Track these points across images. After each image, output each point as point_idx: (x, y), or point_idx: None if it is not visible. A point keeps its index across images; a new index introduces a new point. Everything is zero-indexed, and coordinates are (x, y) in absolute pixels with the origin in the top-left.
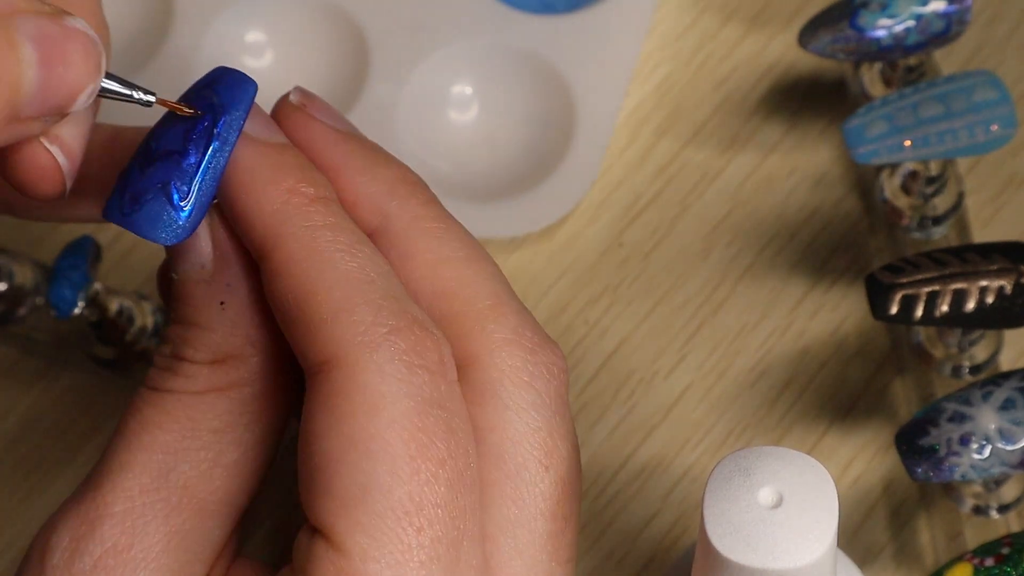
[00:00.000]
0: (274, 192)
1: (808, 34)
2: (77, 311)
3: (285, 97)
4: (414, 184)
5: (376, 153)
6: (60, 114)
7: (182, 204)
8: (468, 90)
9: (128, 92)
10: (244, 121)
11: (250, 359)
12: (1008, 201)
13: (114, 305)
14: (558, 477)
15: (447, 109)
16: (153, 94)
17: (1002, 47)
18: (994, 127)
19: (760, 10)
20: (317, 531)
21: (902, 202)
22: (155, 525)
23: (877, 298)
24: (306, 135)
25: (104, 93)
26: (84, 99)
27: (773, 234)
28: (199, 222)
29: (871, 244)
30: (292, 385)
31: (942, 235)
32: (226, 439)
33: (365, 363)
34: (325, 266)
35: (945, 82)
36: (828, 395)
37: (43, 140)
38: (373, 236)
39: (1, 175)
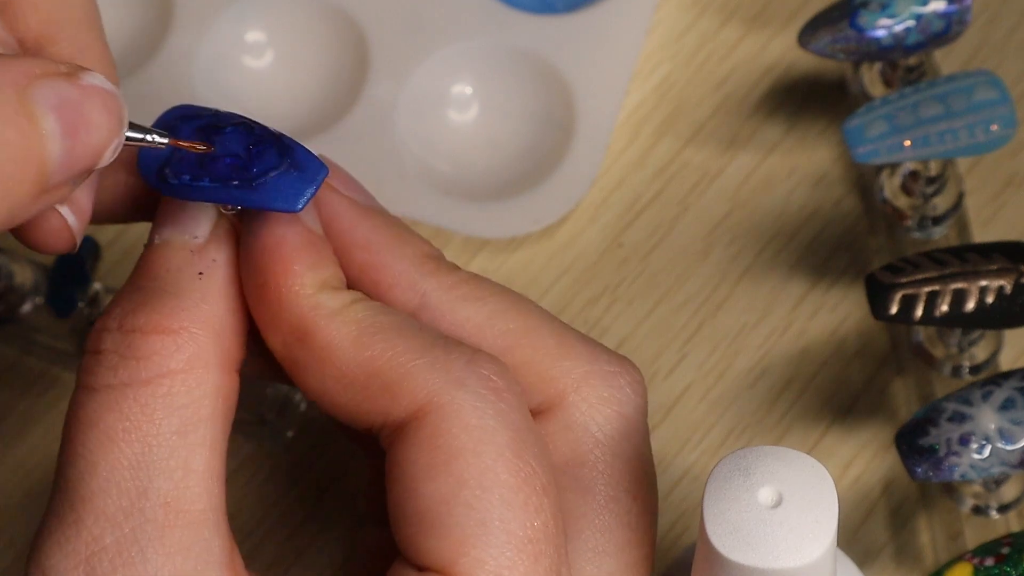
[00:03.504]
0: (309, 278)
1: (808, 34)
2: (77, 311)
3: None
4: (437, 257)
5: (400, 229)
6: (88, 174)
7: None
8: (468, 90)
9: (142, 136)
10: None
11: (203, 339)
12: (1008, 201)
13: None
14: (645, 505)
15: (447, 109)
16: (165, 136)
17: (1002, 47)
18: (994, 127)
19: (760, 10)
20: (428, 570)
21: (902, 202)
22: (153, 549)
23: (877, 298)
24: (332, 210)
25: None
26: (109, 155)
27: (773, 234)
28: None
29: (871, 244)
30: (236, 384)
31: (942, 235)
32: (190, 441)
33: (460, 401)
34: (369, 331)
35: (945, 82)
36: (828, 395)
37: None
38: (416, 314)
39: (13, 234)
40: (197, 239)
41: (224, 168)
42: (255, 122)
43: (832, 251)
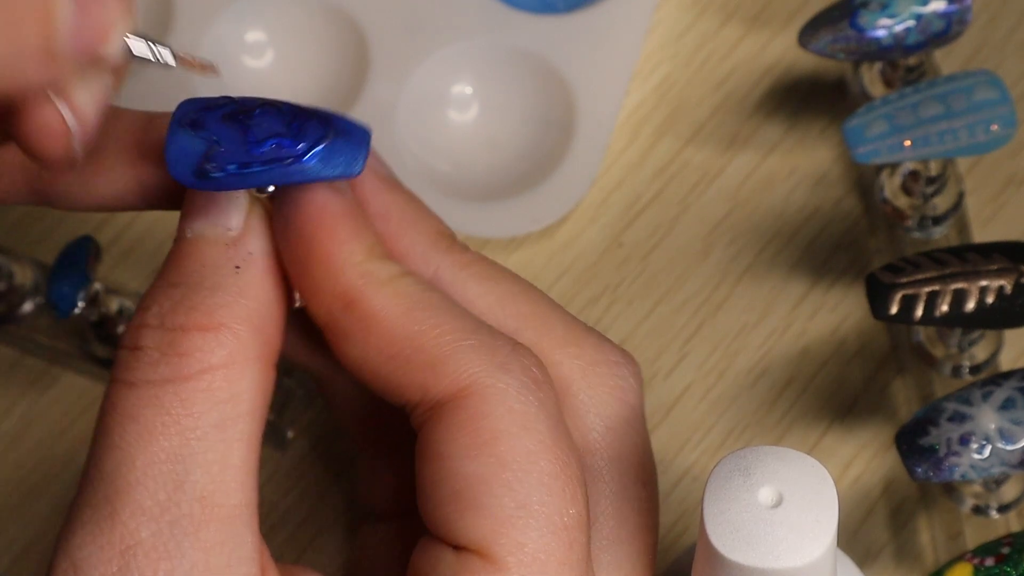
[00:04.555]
0: (356, 245)
1: (808, 34)
2: (77, 311)
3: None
4: (451, 236)
5: (417, 205)
6: (93, 58)
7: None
8: (468, 90)
9: (149, 50)
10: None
11: (243, 334)
12: (1008, 201)
13: (114, 305)
14: (652, 491)
15: (447, 109)
16: (170, 49)
17: (1002, 47)
18: (994, 127)
19: (760, 10)
20: (466, 549)
21: (902, 202)
22: (188, 544)
23: (877, 298)
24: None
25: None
26: (116, 41)
27: (773, 234)
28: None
29: (871, 244)
30: (274, 375)
31: (942, 235)
32: (229, 436)
33: (505, 385)
34: (419, 306)
35: (945, 82)
36: (828, 395)
37: (54, 97)
38: None
39: (10, 133)
40: (231, 231)
41: (271, 150)
42: (275, 100)
43: (832, 251)
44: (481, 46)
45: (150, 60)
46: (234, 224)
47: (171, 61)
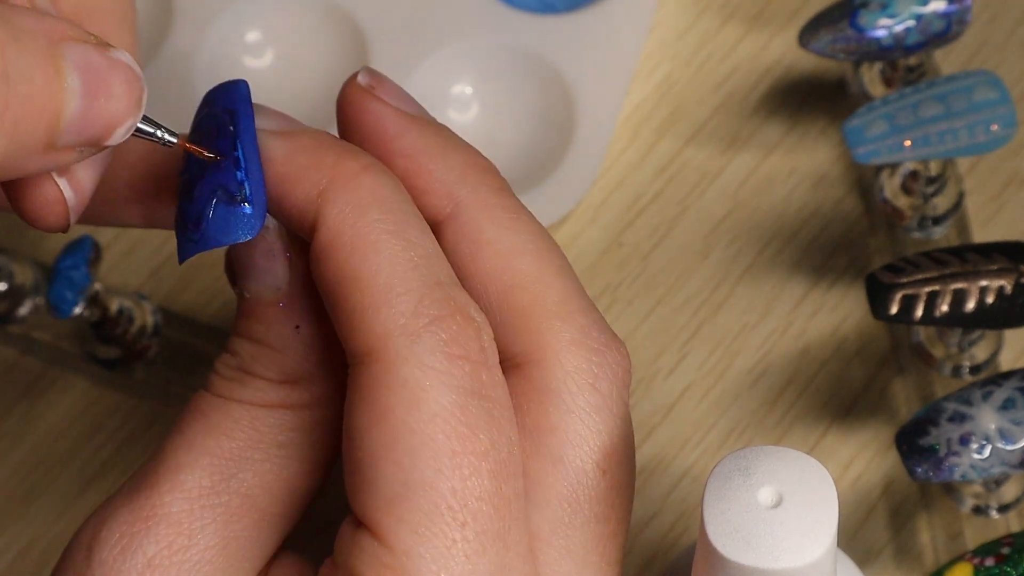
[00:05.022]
0: (315, 174)
1: (808, 34)
2: (77, 311)
3: (353, 78)
4: (485, 170)
5: (447, 137)
6: (96, 147)
7: (239, 198)
8: (468, 90)
9: (152, 131)
10: (251, 114)
11: (321, 383)
12: (1008, 201)
13: (114, 305)
14: (614, 481)
15: (447, 109)
16: (176, 135)
17: (1002, 47)
18: (994, 127)
19: (760, 10)
20: (362, 525)
21: (902, 202)
22: (213, 528)
23: (877, 298)
24: (376, 119)
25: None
26: (122, 133)
27: (773, 234)
28: (264, 213)
29: (871, 244)
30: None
31: (942, 235)
32: (290, 454)
33: (406, 356)
34: (369, 249)
35: (945, 82)
36: (828, 395)
37: (54, 175)
38: (444, 223)
39: (8, 201)
40: (280, 289)
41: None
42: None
43: (832, 251)
44: (481, 46)
45: (151, 137)
46: (282, 284)
47: (173, 140)
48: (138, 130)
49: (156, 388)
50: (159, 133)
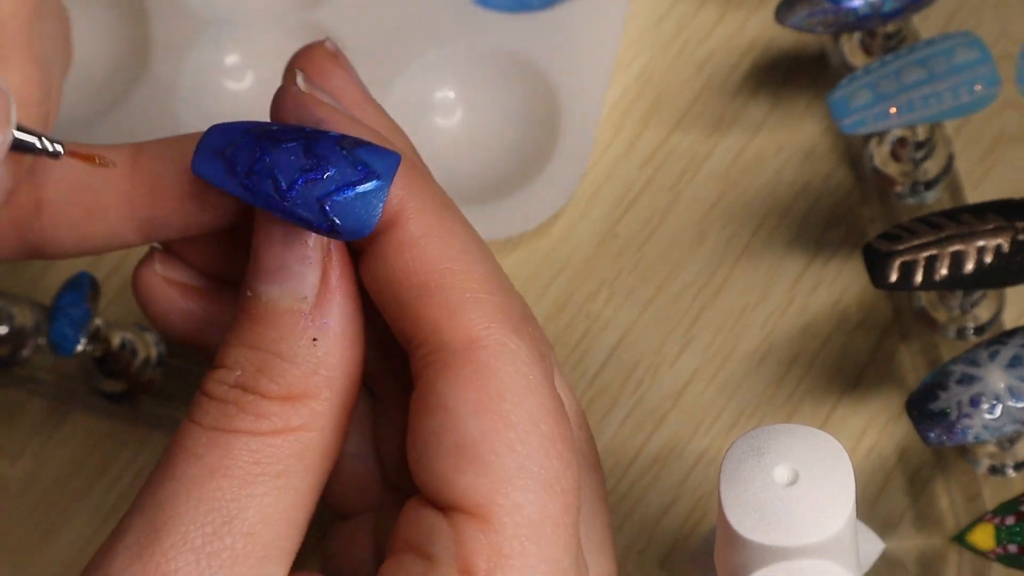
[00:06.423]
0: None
1: (785, 9)
2: (80, 348)
3: (320, 43)
4: (413, 160)
5: (390, 120)
6: None
7: (361, 180)
8: (451, 95)
9: (32, 142)
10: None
11: (323, 401)
12: (998, 160)
13: (116, 339)
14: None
15: (432, 115)
16: (61, 143)
17: (979, 8)
18: (978, 87)
19: None
20: (458, 510)
21: (892, 169)
22: (224, 573)
23: (876, 267)
24: (340, 85)
25: (15, 145)
26: None
27: (766, 212)
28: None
29: (865, 214)
30: (346, 429)
31: (935, 199)
32: (288, 483)
33: (517, 346)
34: (459, 243)
35: (925, 46)
36: (835, 368)
37: None
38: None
39: None
40: (306, 299)
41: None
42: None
43: (826, 224)
44: (459, 50)
45: (38, 150)
46: (309, 293)
47: (58, 149)
48: (19, 143)
49: (164, 419)
50: (40, 144)
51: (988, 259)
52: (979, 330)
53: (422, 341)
